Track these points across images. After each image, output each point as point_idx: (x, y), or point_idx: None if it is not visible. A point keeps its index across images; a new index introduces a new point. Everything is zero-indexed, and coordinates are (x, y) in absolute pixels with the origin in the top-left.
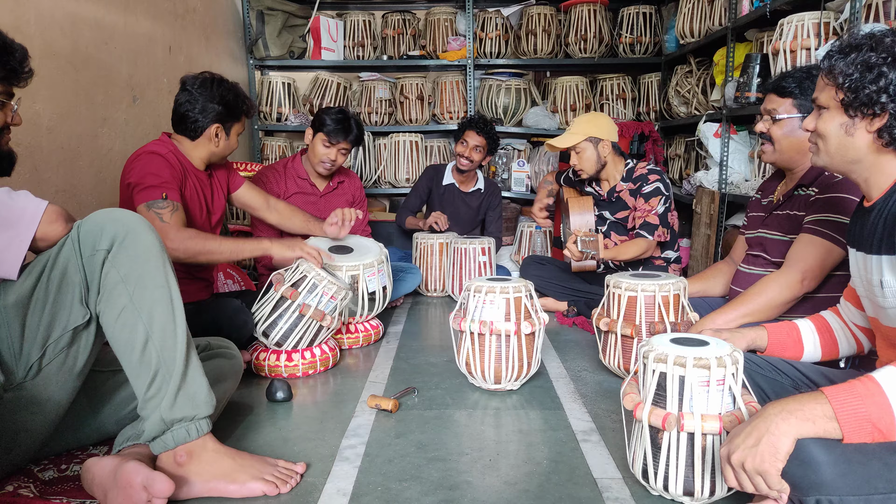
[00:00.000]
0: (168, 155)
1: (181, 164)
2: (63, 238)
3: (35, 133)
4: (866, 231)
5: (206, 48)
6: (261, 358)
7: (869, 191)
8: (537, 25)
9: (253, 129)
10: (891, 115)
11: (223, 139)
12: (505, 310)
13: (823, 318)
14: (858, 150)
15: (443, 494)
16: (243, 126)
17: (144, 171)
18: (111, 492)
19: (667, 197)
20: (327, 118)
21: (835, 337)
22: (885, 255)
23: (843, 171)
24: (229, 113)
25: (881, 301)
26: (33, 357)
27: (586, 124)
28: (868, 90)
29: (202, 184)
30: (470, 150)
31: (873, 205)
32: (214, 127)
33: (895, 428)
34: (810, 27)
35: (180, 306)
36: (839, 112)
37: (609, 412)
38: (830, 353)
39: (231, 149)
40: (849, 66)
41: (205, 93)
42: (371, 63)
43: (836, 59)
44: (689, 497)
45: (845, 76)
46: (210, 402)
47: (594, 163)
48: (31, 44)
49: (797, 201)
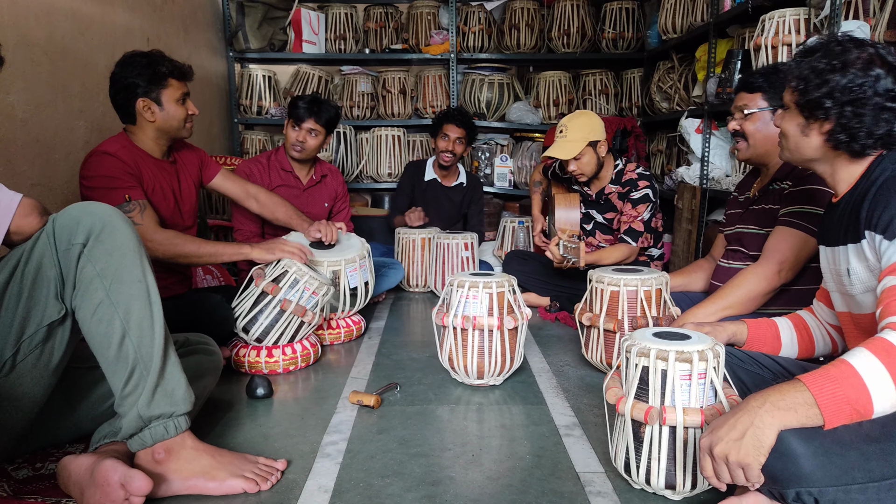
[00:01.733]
0: (119, 151)
1: (134, 157)
2: (38, 232)
3: (9, 125)
4: (833, 225)
5: (185, 40)
6: (241, 354)
7: (836, 186)
8: (520, 20)
9: (233, 123)
10: (836, 121)
11: (157, 111)
12: (488, 305)
13: (800, 316)
14: (815, 151)
15: (425, 490)
16: (180, 89)
17: (97, 175)
18: (88, 490)
19: (654, 204)
20: (297, 101)
21: (811, 335)
22: (850, 243)
23: (806, 167)
24: (149, 82)
25: (849, 289)
26: (7, 353)
27: (583, 129)
28: (813, 95)
29: (164, 173)
30: (452, 144)
31: (839, 200)
32: (140, 102)
33: (871, 407)
34: (791, 23)
35: (158, 301)
36: (797, 113)
37: (591, 406)
38: (806, 350)
39: (175, 118)
40: (802, 69)
41: (121, 73)
42: (353, 56)
43: (796, 60)
44: (671, 490)
45: (797, 79)
46: (189, 399)
47: (594, 166)
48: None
49: (772, 195)
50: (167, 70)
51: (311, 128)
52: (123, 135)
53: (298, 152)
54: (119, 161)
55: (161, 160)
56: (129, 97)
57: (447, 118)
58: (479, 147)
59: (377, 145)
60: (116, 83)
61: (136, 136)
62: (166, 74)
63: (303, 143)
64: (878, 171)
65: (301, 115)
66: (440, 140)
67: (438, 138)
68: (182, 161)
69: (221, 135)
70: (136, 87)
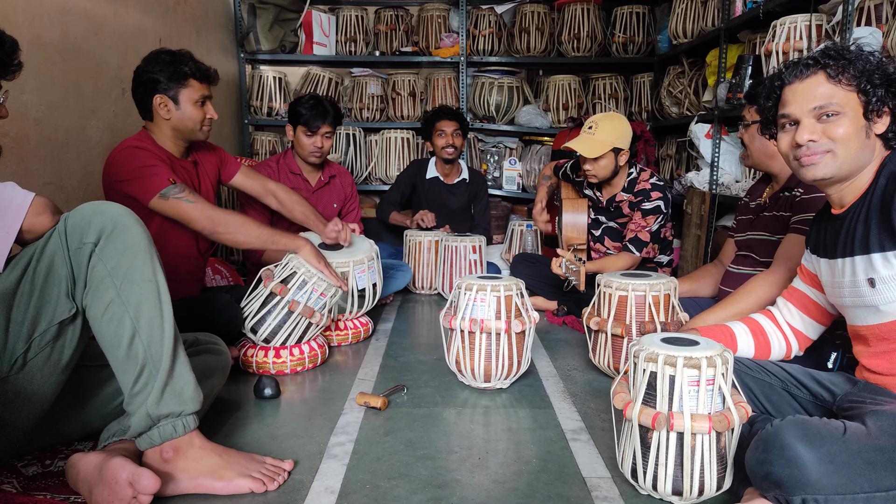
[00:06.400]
0: (149, 146)
1: (160, 152)
2: (50, 230)
3: (22, 124)
4: (840, 237)
5: (197, 41)
6: (249, 354)
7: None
8: (531, 23)
9: (243, 124)
10: None
11: (172, 109)
12: (496, 308)
13: (757, 322)
14: (872, 152)
15: (431, 493)
16: (200, 91)
17: (135, 165)
18: (96, 488)
19: (665, 215)
20: (301, 108)
21: (768, 340)
22: (874, 253)
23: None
24: (169, 79)
25: (872, 299)
26: (18, 351)
27: (613, 133)
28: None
29: (186, 174)
30: (450, 138)
31: (846, 211)
32: (157, 99)
33: None
34: (803, 29)
35: (168, 301)
36: (860, 115)
37: (598, 411)
38: (762, 354)
39: (191, 119)
40: (856, 72)
41: (144, 69)
42: (363, 59)
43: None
44: (678, 497)
45: (864, 81)
46: (197, 399)
47: (609, 171)
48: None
49: (783, 202)
50: (190, 70)
51: (326, 131)
52: (145, 132)
53: (318, 158)
54: (149, 152)
55: (182, 160)
56: (148, 92)
57: (437, 116)
58: (488, 150)
59: (386, 147)
60: (138, 77)
61: (156, 134)
62: (188, 74)
63: (321, 149)
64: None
65: (314, 122)
66: (437, 139)
67: (435, 137)
68: (202, 162)
69: (232, 136)
70: (155, 83)
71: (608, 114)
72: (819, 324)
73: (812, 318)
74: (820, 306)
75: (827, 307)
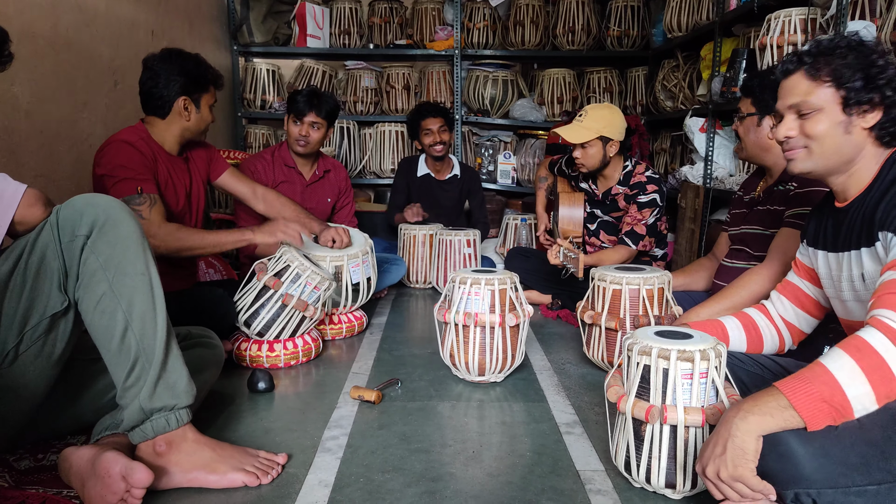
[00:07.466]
0: (138, 143)
1: (152, 150)
2: (42, 223)
3: (13, 116)
4: (841, 230)
5: (189, 33)
6: (242, 348)
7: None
8: (525, 16)
9: (236, 117)
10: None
11: (193, 112)
12: (490, 302)
13: (749, 315)
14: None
15: (425, 486)
16: (214, 97)
17: (114, 163)
18: (89, 481)
19: (661, 208)
20: (296, 96)
21: (760, 334)
22: (864, 247)
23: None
24: (195, 83)
25: (863, 294)
26: (10, 344)
27: (601, 121)
28: (874, 84)
29: (177, 170)
30: (437, 135)
31: (849, 204)
32: (182, 100)
33: (849, 404)
34: (797, 23)
35: (160, 294)
36: (838, 111)
37: (592, 405)
38: (755, 349)
39: (205, 122)
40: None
41: (166, 67)
42: (357, 51)
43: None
44: (671, 489)
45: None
46: (190, 392)
47: (598, 161)
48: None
49: (777, 197)
50: (211, 77)
51: (313, 121)
52: (142, 126)
53: (303, 147)
54: (137, 152)
55: (175, 157)
56: (171, 92)
57: (420, 115)
58: (483, 144)
59: (380, 141)
60: (159, 76)
61: (158, 130)
62: (209, 81)
63: (306, 138)
64: (893, 171)
65: (302, 108)
66: (424, 137)
67: (422, 136)
68: (193, 159)
69: (225, 129)
70: (180, 84)
71: (602, 104)
72: (812, 317)
73: (805, 311)
74: (813, 299)
75: (821, 300)
